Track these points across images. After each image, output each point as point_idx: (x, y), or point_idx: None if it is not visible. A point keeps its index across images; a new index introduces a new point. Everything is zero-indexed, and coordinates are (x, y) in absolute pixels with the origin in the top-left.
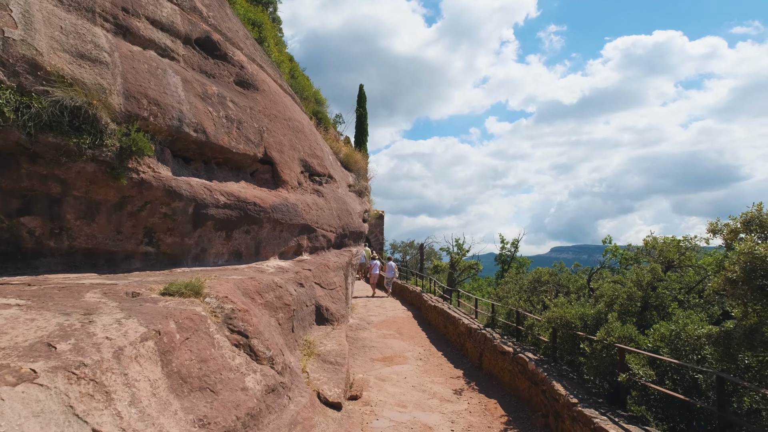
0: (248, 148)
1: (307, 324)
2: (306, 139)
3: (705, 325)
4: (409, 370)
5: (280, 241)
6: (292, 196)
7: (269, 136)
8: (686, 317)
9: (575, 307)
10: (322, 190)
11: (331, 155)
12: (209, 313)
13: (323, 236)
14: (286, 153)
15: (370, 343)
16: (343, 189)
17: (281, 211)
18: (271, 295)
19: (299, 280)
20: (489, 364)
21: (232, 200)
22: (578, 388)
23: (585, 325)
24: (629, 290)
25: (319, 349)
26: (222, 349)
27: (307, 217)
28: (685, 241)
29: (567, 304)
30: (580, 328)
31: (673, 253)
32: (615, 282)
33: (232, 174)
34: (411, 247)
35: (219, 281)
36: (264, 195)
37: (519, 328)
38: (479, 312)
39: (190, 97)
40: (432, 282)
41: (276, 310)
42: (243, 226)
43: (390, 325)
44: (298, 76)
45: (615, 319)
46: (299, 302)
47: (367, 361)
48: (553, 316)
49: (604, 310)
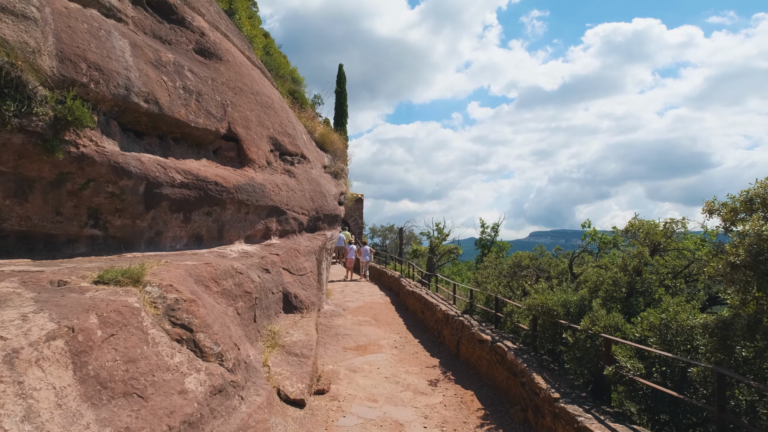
0: (209, 122)
1: (273, 313)
2: (276, 115)
3: (697, 314)
4: (383, 359)
5: (245, 224)
6: (259, 175)
7: (234, 111)
8: (676, 305)
9: (557, 293)
10: (294, 170)
11: (305, 134)
12: (147, 304)
13: (294, 219)
14: (253, 130)
15: (344, 331)
16: (317, 170)
17: (246, 192)
18: (229, 283)
19: (265, 266)
20: (466, 353)
21: (190, 179)
22: (560, 381)
23: (567, 313)
24: (614, 275)
25: (284, 339)
26: (158, 347)
27: (275, 199)
28: (671, 223)
29: (548, 290)
30: (562, 316)
31: (659, 236)
32: (599, 267)
33: (191, 151)
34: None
35: (168, 267)
36: (227, 174)
37: (498, 314)
38: (458, 297)
39: (140, 63)
40: (411, 267)
41: (235, 299)
42: (203, 208)
43: (366, 311)
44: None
45: (600, 307)
46: (263, 289)
47: (339, 350)
48: (533, 303)
49: (588, 297)
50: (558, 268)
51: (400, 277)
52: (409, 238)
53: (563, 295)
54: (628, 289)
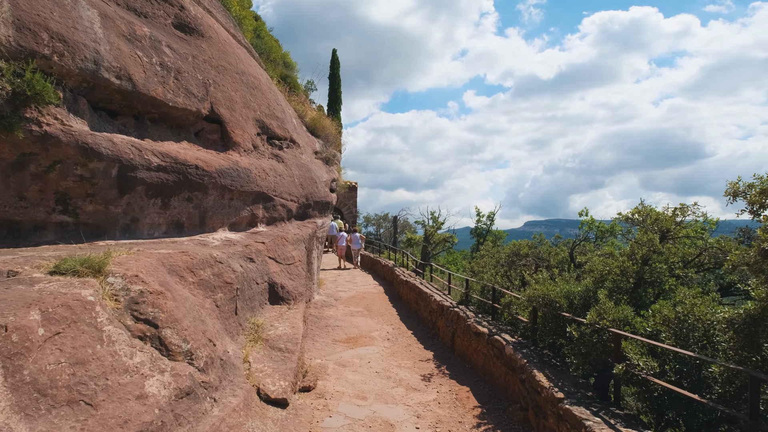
0: (189, 102)
1: (258, 304)
2: (263, 97)
3: (717, 307)
4: (375, 352)
5: (230, 210)
6: (244, 159)
7: (217, 91)
8: (693, 297)
9: (559, 284)
10: (283, 155)
11: (295, 118)
12: (107, 296)
13: (282, 206)
14: (237, 111)
15: (335, 322)
16: (307, 155)
17: (230, 177)
18: (207, 273)
19: (249, 255)
20: (462, 346)
21: (168, 162)
22: (563, 379)
23: (571, 305)
24: (622, 264)
25: (268, 333)
26: (114, 345)
27: (262, 184)
28: (681, 209)
29: (549, 280)
30: (565, 308)
31: (669, 223)
32: (605, 255)
33: (171, 133)
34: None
35: (138, 256)
36: (209, 157)
37: (495, 306)
38: (452, 288)
39: (112, 36)
40: (405, 256)
41: (213, 290)
42: (183, 193)
43: (359, 301)
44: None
45: (606, 299)
46: (247, 280)
47: (328, 343)
48: (534, 294)
49: (593, 288)
50: (558, 257)
51: (394, 266)
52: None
53: (566, 286)
54: (636, 279)
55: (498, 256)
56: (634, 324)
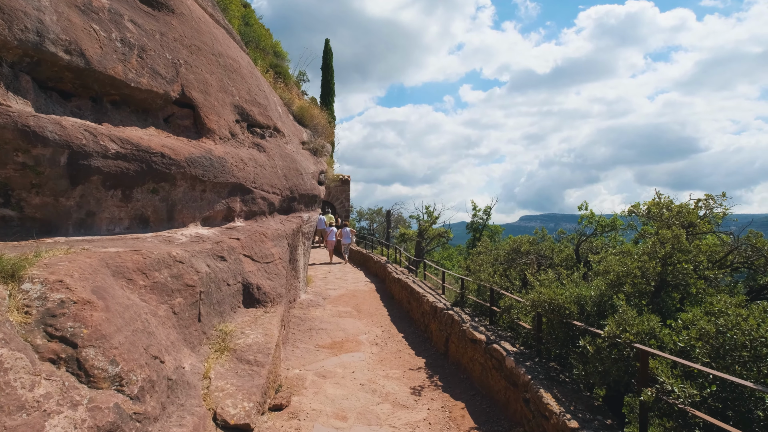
0: (155, 83)
1: (229, 308)
2: (244, 82)
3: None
4: (361, 360)
5: (202, 203)
6: (219, 148)
7: (189, 73)
8: (736, 306)
9: (568, 286)
10: (265, 144)
11: (281, 107)
12: (15, 309)
13: (263, 199)
14: (213, 95)
15: (320, 325)
16: (293, 145)
17: (202, 166)
18: (164, 274)
19: (219, 252)
20: (456, 353)
21: (129, 149)
22: (575, 401)
23: (582, 311)
24: (643, 265)
25: (236, 342)
26: (8, 374)
27: (239, 175)
28: (707, 201)
29: (556, 282)
30: (576, 316)
31: (694, 216)
32: (622, 254)
33: (136, 118)
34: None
35: (75, 256)
36: (177, 145)
37: (493, 308)
38: (447, 287)
39: (61, 5)
40: (397, 251)
41: (171, 294)
42: (147, 184)
43: (348, 300)
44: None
45: (625, 304)
46: (215, 281)
47: (310, 349)
48: (539, 298)
49: (608, 292)
50: (562, 254)
51: (387, 262)
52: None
53: (575, 289)
54: (657, 281)
55: (496, 253)
56: (662, 338)
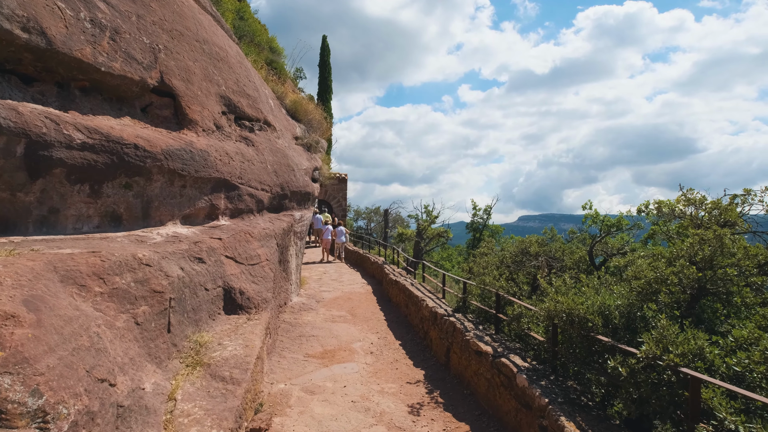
0: (130, 69)
1: (206, 316)
2: (231, 71)
3: None
4: (353, 372)
5: (181, 200)
6: (202, 140)
7: (169, 59)
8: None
9: (588, 293)
10: (254, 138)
11: (273, 100)
12: None
13: (250, 196)
14: (196, 84)
15: (311, 331)
16: (285, 140)
17: (181, 159)
18: (126, 279)
19: (197, 254)
20: (459, 365)
21: (97, 139)
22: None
23: (607, 323)
24: (680, 270)
25: (212, 355)
26: None
27: (224, 170)
28: (743, 197)
29: (573, 288)
30: (600, 329)
31: (734, 214)
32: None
33: (109, 106)
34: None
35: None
36: (153, 136)
37: (500, 316)
38: (447, 290)
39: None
40: (395, 252)
41: (134, 302)
42: (119, 178)
43: (343, 303)
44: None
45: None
46: (190, 286)
47: (299, 359)
48: (556, 308)
49: (637, 301)
50: (574, 256)
51: (384, 263)
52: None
53: (598, 297)
54: (696, 288)
55: (502, 255)
56: (712, 359)
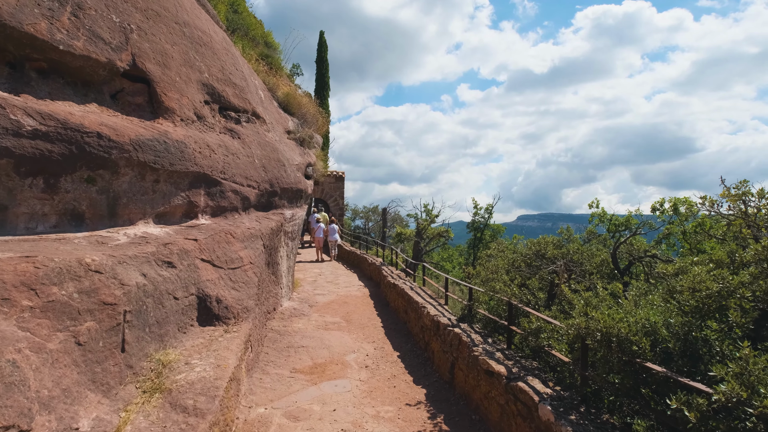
0: (96, 49)
1: (175, 329)
2: (216, 58)
3: None
4: (345, 390)
5: (154, 196)
6: (179, 131)
7: (143, 41)
8: None
9: (627, 307)
10: (240, 130)
11: (264, 91)
12: None
13: (235, 192)
14: (174, 70)
15: (301, 340)
16: (276, 134)
17: (153, 151)
18: (67, 289)
19: (165, 257)
20: (465, 384)
21: (52, 126)
22: None
23: (654, 346)
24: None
25: (176, 378)
26: None
27: (204, 164)
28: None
29: (607, 299)
30: (648, 354)
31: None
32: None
33: (73, 91)
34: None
35: None
36: (121, 124)
37: (512, 328)
38: (450, 296)
39: None
40: (393, 252)
41: (75, 318)
42: (79, 171)
43: (338, 308)
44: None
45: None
46: (154, 295)
47: (284, 374)
48: (590, 326)
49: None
50: (595, 260)
51: (382, 264)
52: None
53: (641, 312)
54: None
55: (513, 258)
56: None
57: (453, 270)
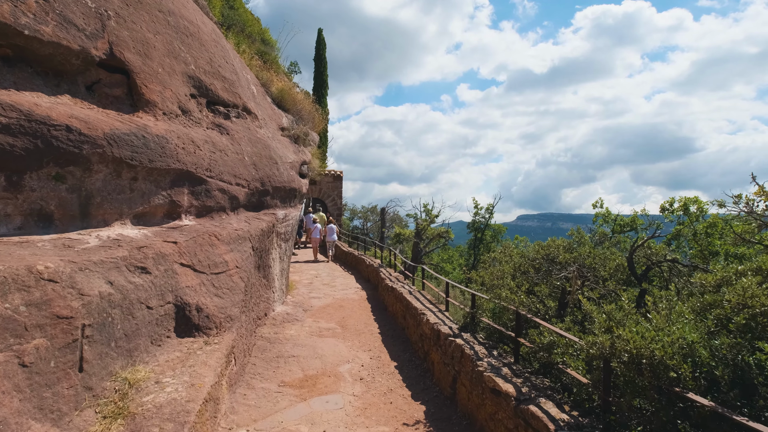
0: (67, 35)
1: (148, 342)
2: (203, 50)
3: None
4: (337, 407)
5: (132, 195)
6: (161, 125)
7: (121, 28)
8: None
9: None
10: (229, 126)
11: (256, 86)
12: None
13: (222, 191)
14: (156, 60)
15: (292, 349)
16: (268, 130)
17: (130, 146)
18: (13, 302)
19: (139, 262)
20: (469, 402)
21: (14, 118)
22: None
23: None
24: None
25: (143, 399)
26: None
27: (187, 160)
28: None
29: (634, 314)
30: (689, 382)
31: None
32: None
33: (43, 81)
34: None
35: None
36: (93, 117)
37: (520, 340)
38: (451, 301)
39: None
40: (391, 253)
41: (20, 336)
42: (47, 167)
43: (333, 312)
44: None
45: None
46: (122, 305)
47: (272, 389)
48: (617, 345)
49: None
50: (610, 264)
51: (380, 266)
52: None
53: (677, 330)
54: None
55: (520, 262)
56: None
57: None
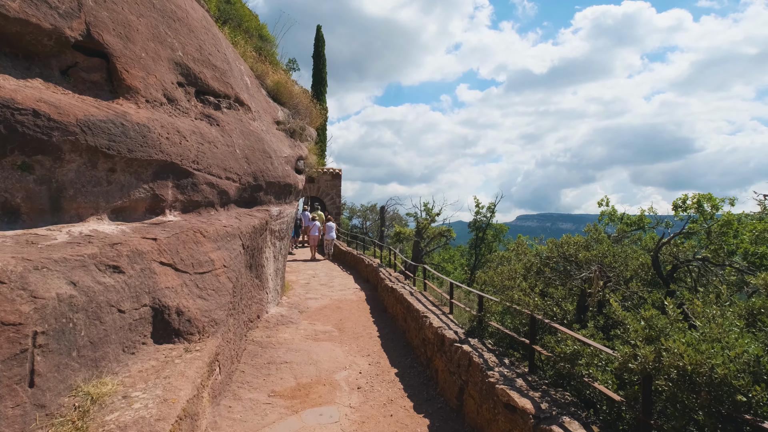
0: (38, 13)
1: (119, 350)
2: (193, 36)
3: None
4: (332, 422)
5: (110, 188)
6: (143, 113)
7: (100, 9)
8: None
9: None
10: (220, 117)
11: (250, 77)
12: None
13: (210, 185)
14: (139, 44)
15: (285, 354)
16: (262, 123)
17: (107, 134)
18: None
19: (111, 261)
20: (478, 416)
21: None
22: None
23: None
24: None
25: (107, 418)
26: None
27: (172, 151)
28: None
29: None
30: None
31: None
32: None
33: (11, 64)
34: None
35: None
36: (66, 101)
37: (535, 348)
38: (455, 303)
39: None
40: (391, 252)
41: None
42: (11, 156)
43: (331, 314)
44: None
45: None
46: (87, 308)
47: (261, 400)
48: (664, 360)
49: None
50: (633, 264)
51: (379, 266)
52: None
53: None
54: None
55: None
56: None
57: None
